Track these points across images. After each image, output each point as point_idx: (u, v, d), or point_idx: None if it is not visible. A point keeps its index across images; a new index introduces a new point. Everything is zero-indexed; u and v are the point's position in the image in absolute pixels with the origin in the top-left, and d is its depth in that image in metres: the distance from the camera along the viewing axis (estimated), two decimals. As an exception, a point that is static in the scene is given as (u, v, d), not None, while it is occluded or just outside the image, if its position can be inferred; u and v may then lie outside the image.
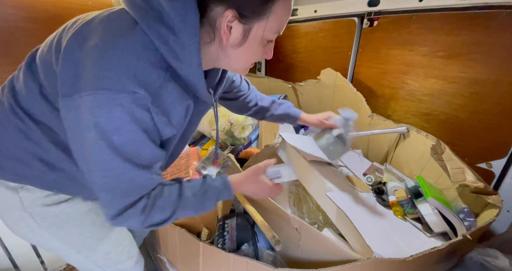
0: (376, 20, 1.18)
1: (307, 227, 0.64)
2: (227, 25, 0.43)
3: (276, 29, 0.47)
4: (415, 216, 0.81)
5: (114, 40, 0.39)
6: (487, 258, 0.62)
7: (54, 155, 0.49)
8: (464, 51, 0.95)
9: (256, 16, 0.43)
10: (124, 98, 0.38)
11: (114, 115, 0.38)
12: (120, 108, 0.38)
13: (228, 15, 0.42)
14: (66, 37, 0.42)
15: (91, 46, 0.38)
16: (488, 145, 0.95)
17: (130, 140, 0.41)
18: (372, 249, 0.59)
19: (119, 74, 0.37)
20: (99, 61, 0.38)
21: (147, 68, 0.40)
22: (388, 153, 1.16)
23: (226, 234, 0.81)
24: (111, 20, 0.42)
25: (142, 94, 0.39)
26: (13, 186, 0.51)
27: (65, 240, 0.58)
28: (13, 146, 0.49)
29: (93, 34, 0.40)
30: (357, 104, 1.23)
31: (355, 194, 0.84)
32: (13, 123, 0.47)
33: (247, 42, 0.46)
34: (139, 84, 0.38)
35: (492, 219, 0.67)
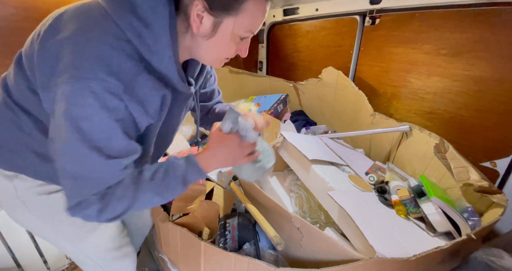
0: (378, 18, 1.17)
1: (308, 227, 0.63)
2: (197, 14, 0.43)
3: (248, 27, 0.47)
4: (418, 215, 0.80)
5: (87, 31, 0.40)
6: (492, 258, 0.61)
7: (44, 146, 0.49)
8: (468, 49, 0.94)
9: (225, 11, 0.43)
10: (96, 86, 0.38)
11: (86, 102, 0.39)
12: (92, 95, 0.38)
13: (198, 5, 0.42)
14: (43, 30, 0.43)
15: (64, 37, 0.40)
16: (492, 144, 0.93)
17: (100, 128, 0.41)
18: (374, 248, 0.59)
19: (92, 63, 0.38)
20: (73, 51, 0.39)
21: (120, 58, 0.40)
22: (391, 152, 1.15)
23: (228, 234, 0.81)
24: (83, 12, 0.43)
25: (114, 82, 0.39)
26: (9, 175, 0.53)
27: (57, 230, 0.60)
28: (7, 137, 0.51)
29: (66, 26, 0.41)
30: (359, 103, 1.22)
31: (357, 194, 0.83)
32: (7, 116, 0.49)
33: (217, 35, 0.46)
34: (111, 73, 0.39)
35: (496, 219, 0.66)
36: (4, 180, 0.54)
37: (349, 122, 1.34)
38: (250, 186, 0.83)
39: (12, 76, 0.49)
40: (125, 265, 0.73)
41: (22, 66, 0.47)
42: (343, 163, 0.98)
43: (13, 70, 0.49)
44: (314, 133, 1.38)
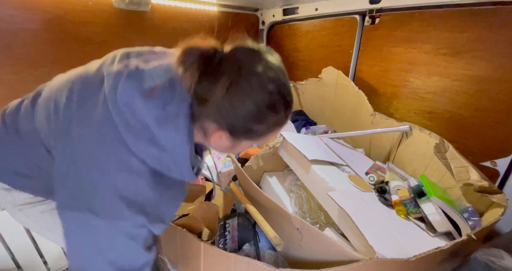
0: (378, 18, 1.17)
1: (308, 227, 0.63)
2: (218, 136, 0.45)
3: (262, 143, 0.50)
4: (418, 215, 0.80)
5: (110, 171, 0.40)
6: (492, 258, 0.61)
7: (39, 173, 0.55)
8: (467, 48, 0.94)
9: (248, 138, 0.46)
10: (124, 224, 0.41)
11: (115, 239, 0.41)
12: (120, 233, 0.41)
13: (221, 135, 0.44)
14: (58, 140, 0.45)
15: (86, 172, 0.41)
16: (492, 143, 0.93)
17: (126, 255, 0.43)
18: (374, 249, 0.58)
19: (119, 205, 0.40)
20: (99, 192, 0.40)
21: (144, 193, 0.43)
22: (391, 152, 1.15)
23: (228, 234, 0.81)
24: (107, 147, 0.41)
25: (140, 218, 0.42)
26: (7, 188, 0.59)
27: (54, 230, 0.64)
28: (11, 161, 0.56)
29: (92, 163, 0.41)
30: (359, 102, 1.22)
31: (357, 194, 0.83)
32: (12, 147, 0.55)
33: (234, 147, 0.49)
34: (137, 210, 0.41)
35: (497, 219, 0.66)
36: (4, 192, 0.60)
37: (349, 122, 1.34)
38: (249, 187, 0.83)
39: (23, 116, 0.53)
40: None
41: (33, 120, 0.51)
42: (343, 163, 0.98)
43: (24, 116, 0.53)
44: (314, 133, 1.37)
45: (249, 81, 0.39)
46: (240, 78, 0.39)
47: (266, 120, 0.43)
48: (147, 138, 0.41)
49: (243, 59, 0.41)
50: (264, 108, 0.41)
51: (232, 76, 0.39)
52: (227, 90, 0.39)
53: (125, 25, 1.21)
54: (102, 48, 1.17)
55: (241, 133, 0.44)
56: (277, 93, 0.41)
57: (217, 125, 0.43)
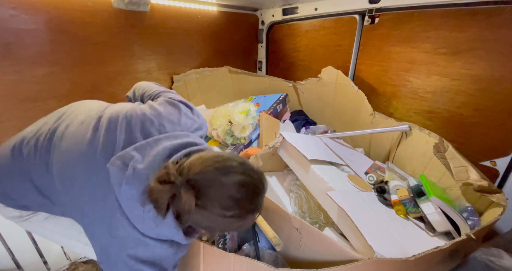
0: (378, 17, 1.17)
1: (307, 227, 0.63)
2: None
3: None
4: (418, 215, 0.80)
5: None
6: (491, 257, 0.61)
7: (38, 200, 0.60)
8: (467, 48, 0.94)
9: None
10: None
11: None
12: None
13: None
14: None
15: None
16: (492, 143, 0.93)
17: None
18: (373, 248, 0.58)
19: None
20: None
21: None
22: (390, 151, 1.15)
23: (227, 234, 0.81)
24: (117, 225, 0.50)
25: None
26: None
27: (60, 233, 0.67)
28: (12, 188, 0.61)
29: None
30: (358, 102, 1.22)
31: (357, 193, 0.83)
32: (19, 179, 0.59)
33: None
34: None
35: (496, 218, 0.66)
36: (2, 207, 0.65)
37: (349, 122, 1.34)
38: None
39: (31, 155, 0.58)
40: None
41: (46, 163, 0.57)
42: (343, 163, 0.98)
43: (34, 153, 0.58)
44: (314, 132, 1.37)
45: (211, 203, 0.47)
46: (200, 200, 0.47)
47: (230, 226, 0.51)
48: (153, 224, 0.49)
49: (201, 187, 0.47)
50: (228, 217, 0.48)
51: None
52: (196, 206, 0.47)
53: (125, 25, 1.21)
54: (102, 48, 1.17)
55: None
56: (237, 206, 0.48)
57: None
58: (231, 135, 1.23)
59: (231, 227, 0.52)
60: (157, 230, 0.50)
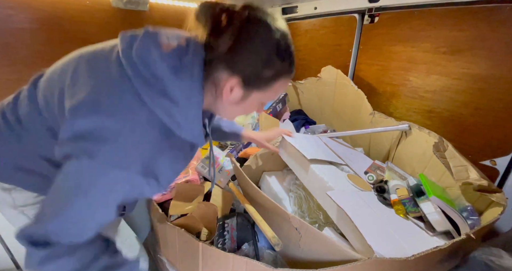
0: (377, 16, 1.17)
1: (307, 227, 0.63)
2: (230, 87, 0.47)
3: (272, 98, 0.53)
4: (417, 214, 0.80)
5: (123, 120, 0.41)
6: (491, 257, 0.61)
7: (46, 168, 0.53)
8: (467, 47, 0.93)
9: (257, 88, 0.48)
10: (118, 174, 0.41)
11: (98, 182, 0.40)
12: (106, 178, 0.40)
13: (233, 82, 0.46)
14: (68, 96, 0.44)
15: (100, 121, 0.40)
16: (492, 142, 0.93)
17: (98, 204, 0.42)
18: (373, 248, 0.58)
19: (126, 155, 0.41)
20: (109, 139, 0.40)
21: (149, 146, 0.43)
22: (390, 151, 1.15)
23: (226, 234, 0.81)
24: (119, 94, 0.42)
25: (132, 171, 0.41)
26: (7, 187, 0.56)
27: None
28: (12, 157, 0.54)
29: (100, 106, 0.41)
30: (358, 101, 1.22)
31: (356, 193, 0.83)
32: (14, 140, 0.52)
33: (244, 103, 0.50)
34: (140, 163, 0.42)
35: (496, 218, 0.66)
36: (3, 192, 0.57)
37: (349, 121, 1.33)
38: (248, 186, 0.83)
39: (24, 108, 0.52)
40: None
41: (38, 104, 0.50)
42: (342, 163, 0.98)
43: (26, 102, 0.52)
44: (313, 132, 1.37)
45: (258, 28, 0.43)
46: (249, 25, 0.43)
47: (274, 65, 0.46)
48: (159, 90, 0.42)
49: (252, 12, 0.44)
50: (272, 53, 0.45)
51: (242, 24, 0.42)
52: (237, 38, 0.42)
53: (123, 24, 1.20)
54: (101, 48, 1.17)
55: (252, 80, 0.46)
56: (283, 41, 0.45)
57: (229, 73, 0.45)
58: (230, 134, 1.23)
59: (273, 68, 0.46)
60: (170, 91, 0.43)
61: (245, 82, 0.46)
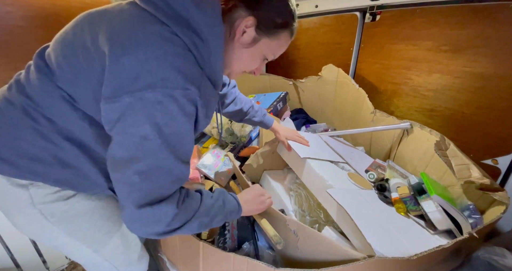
0: (379, 15, 1.16)
1: (304, 229, 0.63)
2: (243, 28, 0.50)
3: (274, 52, 0.56)
4: (419, 213, 0.80)
5: (162, 45, 0.42)
6: (494, 257, 0.60)
7: (69, 152, 0.50)
8: (469, 45, 0.93)
9: (266, 33, 0.52)
10: (178, 94, 0.42)
11: (169, 110, 0.42)
12: (175, 103, 0.42)
13: (250, 20, 0.49)
14: (103, 42, 0.43)
15: (143, 55, 0.41)
16: (494, 141, 0.93)
17: (178, 133, 0.45)
18: (373, 247, 0.58)
19: (173, 73, 0.41)
20: (154, 65, 0.41)
21: (192, 67, 0.44)
22: (391, 149, 1.14)
23: (227, 233, 0.80)
24: (147, 25, 0.43)
25: (193, 90, 0.43)
26: (24, 184, 0.52)
27: (75, 235, 0.59)
28: (28, 145, 0.49)
29: (138, 41, 0.42)
30: (359, 100, 1.21)
31: (357, 191, 0.82)
32: (29, 124, 0.48)
33: (253, 48, 0.53)
34: (189, 81, 0.43)
35: (498, 217, 0.65)
36: (18, 190, 0.52)
37: (350, 120, 1.33)
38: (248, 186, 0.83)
39: (34, 83, 0.48)
40: (140, 266, 0.73)
41: (48, 73, 0.47)
42: (343, 161, 0.98)
43: (34, 76, 0.49)
44: (314, 131, 1.37)
45: None
46: None
47: (285, 16, 0.52)
48: (184, 24, 0.44)
49: None
50: (286, 6, 0.51)
51: None
52: None
53: (123, 22, 1.19)
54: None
55: (264, 24, 0.50)
56: (293, 3, 0.52)
57: (247, 12, 0.49)
58: (230, 133, 1.23)
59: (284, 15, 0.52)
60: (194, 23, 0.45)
61: (258, 24, 0.50)
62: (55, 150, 0.50)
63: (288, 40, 0.56)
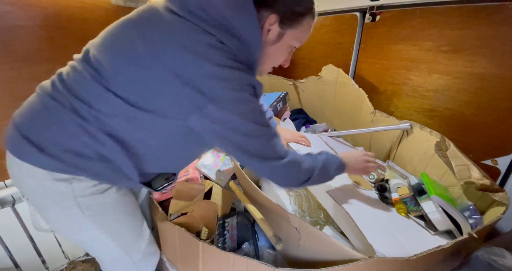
0: (379, 15, 1.16)
1: (306, 226, 0.63)
2: (268, 27, 0.54)
3: (300, 39, 0.59)
4: (419, 213, 0.80)
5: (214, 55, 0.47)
6: (494, 257, 0.60)
7: (108, 147, 0.53)
8: (469, 46, 0.93)
9: (290, 25, 0.55)
10: (250, 91, 0.50)
11: (249, 100, 0.50)
12: (251, 96, 0.50)
13: (272, 18, 0.53)
14: (158, 52, 0.46)
15: (210, 68, 0.46)
16: (493, 142, 0.93)
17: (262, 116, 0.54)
18: (374, 248, 0.58)
19: (241, 81, 0.49)
20: (220, 75, 0.46)
21: (249, 72, 0.51)
22: (391, 150, 1.14)
23: (227, 233, 0.80)
24: (197, 36, 0.47)
25: (256, 81, 0.52)
26: (66, 178, 0.54)
27: (105, 228, 0.61)
28: (73, 141, 0.52)
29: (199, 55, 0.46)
30: (359, 100, 1.21)
31: (357, 192, 0.82)
32: (76, 121, 0.51)
33: (280, 43, 0.57)
34: (251, 75, 0.51)
35: (498, 217, 0.65)
36: (61, 184, 0.54)
37: (349, 120, 1.33)
38: (248, 186, 0.83)
39: (86, 86, 0.51)
40: (153, 261, 0.75)
41: (104, 79, 0.50)
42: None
43: (87, 74, 0.51)
44: (314, 131, 1.37)
45: None
46: None
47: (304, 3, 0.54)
48: (228, 32, 0.48)
49: None
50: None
51: None
52: None
53: (123, 22, 1.19)
54: (100, 46, 1.16)
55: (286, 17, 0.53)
56: None
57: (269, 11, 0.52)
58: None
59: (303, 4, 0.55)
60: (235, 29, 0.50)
61: (281, 19, 0.53)
62: (97, 145, 0.52)
63: (311, 24, 0.58)
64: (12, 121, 0.55)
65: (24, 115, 0.54)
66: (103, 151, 0.53)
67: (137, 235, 0.69)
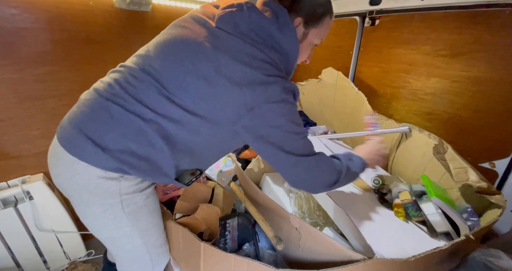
0: (378, 19, 1.18)
1: (307, 227, 0.64)
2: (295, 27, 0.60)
3: (321, 37, 0.66)
4: (420, 219, 0.79)
5: (272, 70, 0.55)
6: (490, 258, 0.61)
7: (158, 148, 0.56)
8: (466, 50, 0.94)
9: (313, 25, 0.62)
10: (291, 94, 0.57)
11: (291, 103, 0.57)
12: (292, 99, 0.58)
13: (297, 21, 0.61)
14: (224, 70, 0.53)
15: (262, 78, 0.54)
16: (491, 145, 0.94)
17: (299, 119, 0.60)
18: (373, 249, 0.59)
19: (284, 93, 0.55)
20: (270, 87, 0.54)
21: (288, 79, 0.59)
22: (390, 153, 1.15)
23: (228, 234, 0.81)
24: (256, 55, 0.55)
25: (295, 92, 0.59)
26: (116, 176, 0.57)
27: (137, 225, 0.64)
28: (129, 142, 0.55)
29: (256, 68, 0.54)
30: (358, 103, 1.22)
31: (356, 193, 0.83)
32: (137, 124, 0.54)
33: (304, 42, 0.64)
34: (293, 91, 0.58)
35: (495, 219, 0.67)
36: (112, 181, 0.57)
37: (349, 123, 1.34)
38: (249, 187, 0.84)
39: (148, 91, 0.55)
40: (165, 260, 0.77)
41: (168, 92, 0.55)
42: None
43: (151, 85, 0.55)
44: (314, 133, 1.37)
45: None
46: None
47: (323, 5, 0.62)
48: (272, 47, 0.57)
49: None
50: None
51: None
52: None
53: (126, 25, 1.21)
54: (103, 48, 1.17)
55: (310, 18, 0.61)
56: None
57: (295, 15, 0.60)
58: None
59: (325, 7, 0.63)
60: (279, 45, 0.58)
61: (306, 21, 0.61)
62: (148, 145, 0.56)
63: (330, 22, 0.65)
64: (72, 123, 0.57)
65: (86, 117, 0.56)
66: (151, 151, 0.56)
67: (160, 233, 0.72)
